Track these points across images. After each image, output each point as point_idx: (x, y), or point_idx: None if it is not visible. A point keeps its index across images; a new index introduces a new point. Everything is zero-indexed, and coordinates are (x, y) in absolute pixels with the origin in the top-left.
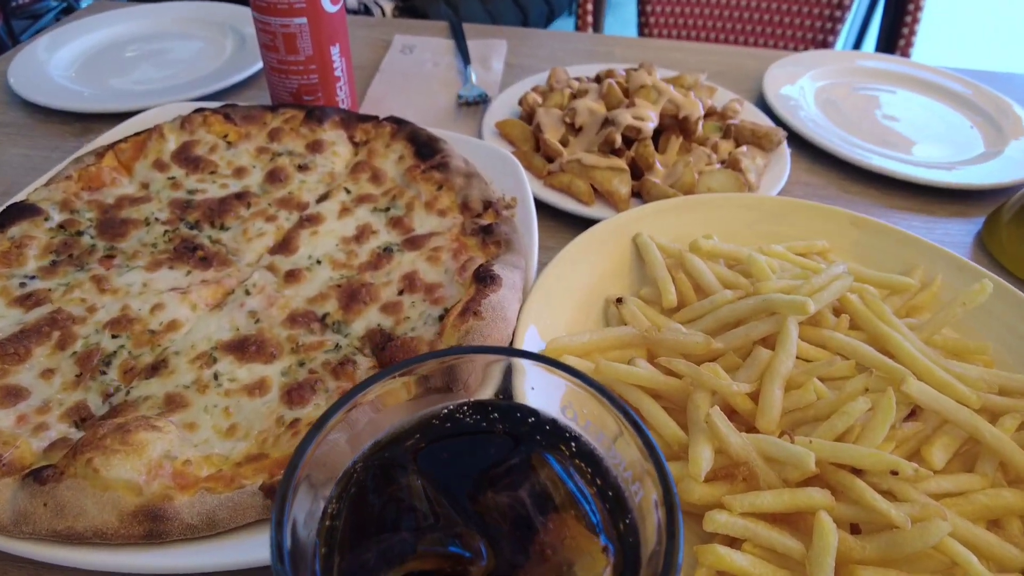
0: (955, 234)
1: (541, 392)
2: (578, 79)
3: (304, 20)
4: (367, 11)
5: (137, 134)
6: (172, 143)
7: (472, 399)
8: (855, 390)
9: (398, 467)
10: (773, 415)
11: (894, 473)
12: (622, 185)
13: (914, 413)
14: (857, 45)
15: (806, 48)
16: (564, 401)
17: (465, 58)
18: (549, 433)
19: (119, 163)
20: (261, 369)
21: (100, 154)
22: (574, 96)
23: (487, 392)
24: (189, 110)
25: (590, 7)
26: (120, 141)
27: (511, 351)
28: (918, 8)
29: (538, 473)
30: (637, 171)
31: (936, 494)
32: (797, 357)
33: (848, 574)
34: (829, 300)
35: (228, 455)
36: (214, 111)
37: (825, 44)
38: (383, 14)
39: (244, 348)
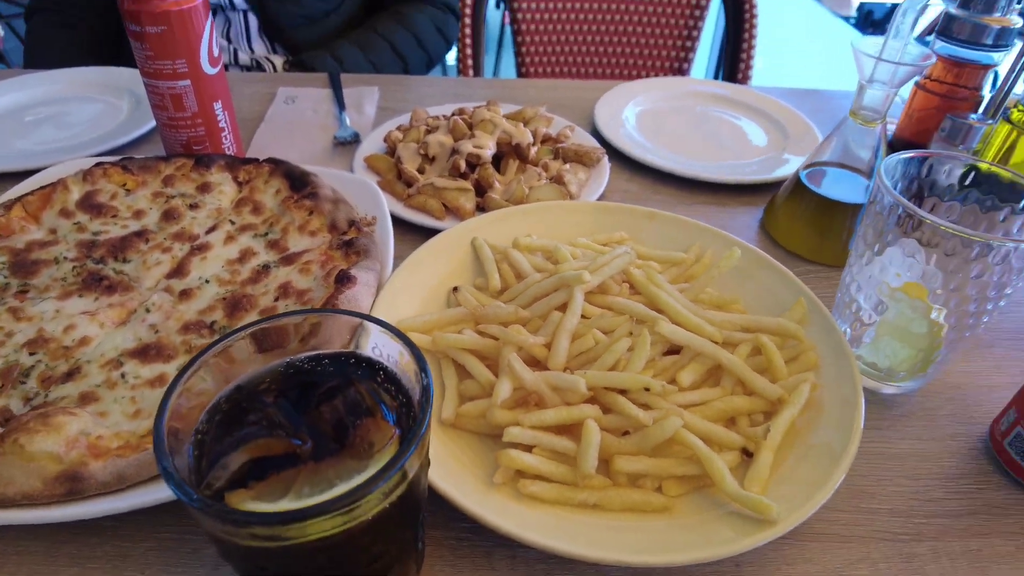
0: (743, 220)
1: (379, 348)
2: (435, 117)
3: (188, 82)
4: (259, 67)
5: (42, 188)
6: (76, 194)
7: (317, 352)
8: (621, 333)
9: (253, 397)
10: (560, 358)
11: (647, 390)
12: (467, 202)
13: (677, 351)
14: (717, 75)
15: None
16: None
17: (340, 105)
18: (366, 367)
19: (27, 214)
20: (161, 367)
21: (8, 207)
22: (429, 132)
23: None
24: (90, 164)
25: (469, 52)
26: (27, 194)
27: (358, 314)
28: (751, 44)
29: (352, 390)
30: (481, 190)
31: (684, 404)
32: (584, 316)
33: (612, 462)
34: (610, 273)
35: (135, 431)
36: (113, 164)
37: (680, 73)
38: (274, 69)
39: (146, 353)
